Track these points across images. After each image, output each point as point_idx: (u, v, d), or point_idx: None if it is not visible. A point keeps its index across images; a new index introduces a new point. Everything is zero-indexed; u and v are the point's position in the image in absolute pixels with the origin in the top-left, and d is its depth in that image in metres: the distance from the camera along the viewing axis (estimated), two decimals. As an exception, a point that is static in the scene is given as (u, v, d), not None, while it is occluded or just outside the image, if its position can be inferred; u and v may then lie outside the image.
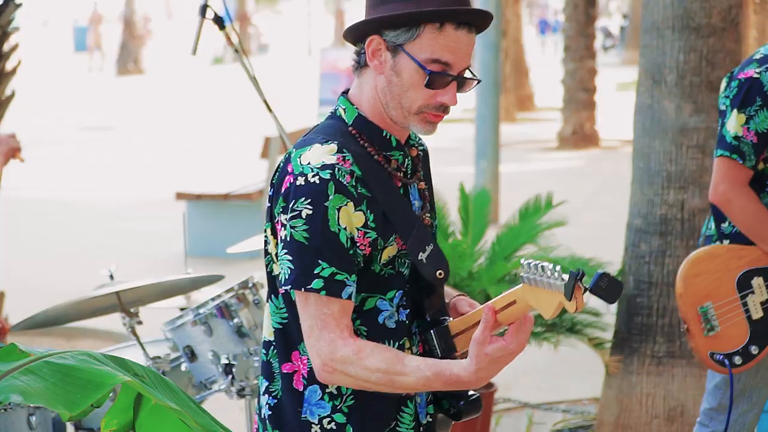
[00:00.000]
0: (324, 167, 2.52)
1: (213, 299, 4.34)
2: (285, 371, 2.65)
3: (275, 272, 2.64)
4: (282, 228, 2.55)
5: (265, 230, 2.66)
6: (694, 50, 5.32)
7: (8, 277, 8.78)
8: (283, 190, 2.56)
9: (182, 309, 4.56)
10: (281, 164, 2.61)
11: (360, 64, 2.65)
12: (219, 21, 4.47)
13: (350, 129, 2.64)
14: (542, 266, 2.40)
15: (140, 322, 4.34)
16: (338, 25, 51.18)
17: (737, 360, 4.04)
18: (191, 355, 4.33)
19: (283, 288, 2.56)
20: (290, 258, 2.53)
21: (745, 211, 4.02)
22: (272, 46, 55.53)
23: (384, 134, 2.65)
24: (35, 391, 2.00)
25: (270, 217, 2.63)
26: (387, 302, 2.63)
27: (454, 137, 18.99)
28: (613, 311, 5.68)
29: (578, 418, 6.34)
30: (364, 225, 2.55)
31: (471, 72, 2.63)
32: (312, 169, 2.52)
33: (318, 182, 2.51)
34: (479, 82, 2.64)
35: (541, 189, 6.82)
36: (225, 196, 10.78)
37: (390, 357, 2.51)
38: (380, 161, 2.63)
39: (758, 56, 4.01)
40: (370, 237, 2.56)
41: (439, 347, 2.65)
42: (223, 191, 10.90)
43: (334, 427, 2.61)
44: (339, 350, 2.51)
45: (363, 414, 2.62)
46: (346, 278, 2.52)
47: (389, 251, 2.61)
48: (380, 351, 2.52)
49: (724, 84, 4.10)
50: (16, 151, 4.91)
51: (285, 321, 2.64)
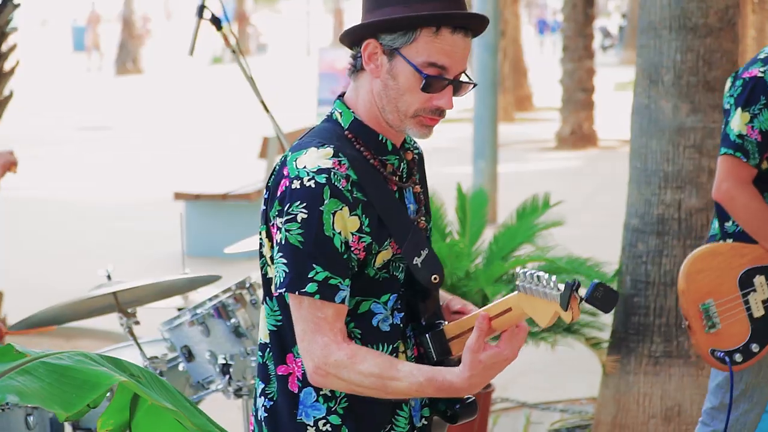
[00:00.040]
0: (320, 171, 2.52)
1: (210, 299, 4.35)
2: (280, 373, 2.65)
3: (270, 275, 2.65)
4: (277, 231, 2.56)
5: (260, 232, 2.66)
6: (691, 50, 5.33)
7: (8, 277, 8.80)
8: (279, 194, 2.56)
9: (180, 309, 4.57)
10: (277, 167, 2.62)
11: (356, 68, 2.65)
12: (216, 22, 4.48)
13: (346, 133, 2.64)
14: (538, 276, 2.41)
15: (137, 323, 4.35)
16: (337, 25, 51.23)
17: (738, 357, 4.07)
18: (188, 355, 4.34)
19: (278, 291, 2.57)
20: (285, 261, 2.53)
21: (748, 209, 4.05)
22: (271, 46, 55.54)
23: (380, 138, 2.65)
24: (31, 392, 2.01)
25: (265, 220, 2.63)
26: (381, 305, 2.64)
27: (453, 137, 19.01)
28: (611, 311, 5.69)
29: (576, 418, 6.35)
30: (359, 230, 2.55)
31: (467, 76, 2.63)
32: (308, 173, 2.52)
33: (314, 186, 2.51)
34: (475, 86, 2.64)
35: (540, 189, 6.82)
36: (223, 196, 10.79)
37: (383, 362, 2.52)
38: (376, 165, 2.64)
39: (762, 56, 4.04)
40: (365, 241, 2.56)
41: (435, 351, 2.65)
42: (222, 191, 10.91)
43: (330, 429, 2.62)
44: (332, 354, 2.51)
45: (358, 416, 2.63)
46: (340, 282, 2.53)
47: (384, 255, 2.61)
48: (374, 356, 2.53)
49: (729, 83, 4.14)
50: (12, 165, 5.00)
51: (279, 323, 2.65)
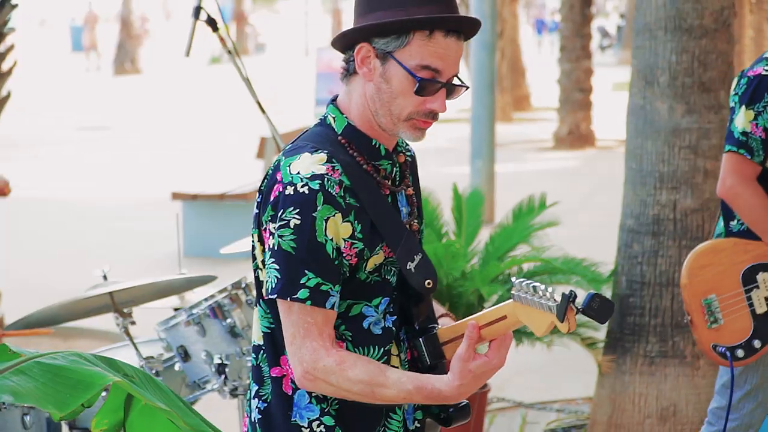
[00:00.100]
0: (313, 177, 2.53)
1: (206, 299, 4.36)
2: (274, 375, 2.66)
3: (262, 278, 2.65)
4: (270, 236, 2.56)
5: (253, 236, 2.67)
6: (686, 51, 5.34)
7: (8, 277, 8.80)
8: (272, 199, 2.56)
9: (176, 309, 4.58)
10: (270, 171, 2.62)
11: (349, 72, 2.66)
12: (212, 23, 4.49)
13: (339, 138, 2.65)
14: (534, 287, 2.42)
15: (133, 323, 4.36)
16: (335, 25, 51.23)
17: (740, 353, 4.10)
18: (184, 355, 4.35)
19: (269, 296, 2.58)
20: (277, 267, 2.54)
21: (752, 206, 4.09)
22: (269, 46, 55.53)
23: (373, 143, 2.66)
24: (26, 392, 2.02)
25: (257, 224, 2.64)
26: (372, 309, 2.64)
27: (450, 137, 19.03)
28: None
29: (572, 418, 6.36)
30: (351, 236, 2.56)
31: (459, 79, 2.64)
32: (301, 179, 2.53)
33: (307, 192, 2.52)
34: (467, 89, 2.65)
35: (537, 189, 6.84)
36: (221, 196, 10.80)
37: (372, 369, 2.53)
38: (369, 171, 2.64)
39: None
40: (357, 248, 2.57)
41: (428, 355, 2.67)
42: (219, 191, 10.92)
43: (323, 430, 2.63)
44: (321, 360, 2.53)
45: (350, 417, 2.64)
46: (331, 288, 2.54)
47: (375, 260, 2.62)
48: (363, 363, 2.54)
49: (735, 81, 4.18)
50: (5, 187, 5.10)
51: (272, 326, 2.66)
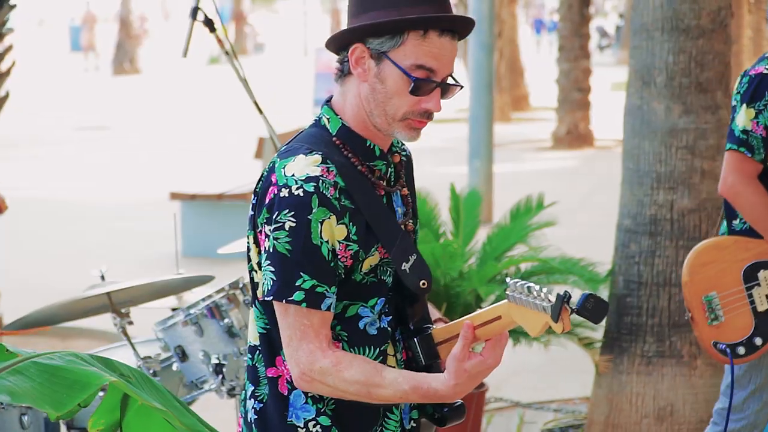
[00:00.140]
0: (308, 179, 2.53)
1: (204, 299, 4.37)
2: (270, 375, 2.67)
3: (257, 279, 2.66)
4: (266, 239, 2.57)
5: (248, 237, 2.67)
6: (683, 51, 5.35)
7: (8, 277, 8.81)
8: (267, 201, 2.57)
9: (174, 309, 4.59)
10: (265, 173, 2.62)
11: (343, 73, 2.66)
12: (209, 23, 4.50)
13: (334, 139, 2.65)
14: (528, 287, 2.43)
15: (131, 323, 4.37)
16: (334, 25, 51.24)
17: (740, 350, 4.13)
18: (182, 355, 4.36)
19: (265, 299, 2.59)
20: (273, 269, 2.55)
21: (753, 204, 4.12)
22: (268, 46, 55.53)
23: (367, 144, 2.66)
24: (23, 391, 2.03)
25: (253, 226, 2.64)
26: (368, 309, 2.65)
27: (448, 137, 19.04)
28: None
29: (569, 417, 6.37)
30: (346, 238, 2.56)
31: (453, 78, 2.65)
32: (296, 181, 2.53)
33: (302, 195, 2.52)
34: (462, 88, 2.66)
35: (536, 189, 6.85)
36: (219, 196, 10.81)
37: (368, 369, 2.54)
38: (364, 171, 2.64)
39: None
40: (352, 249, 2.57)
41: (423, 355, 2.67)
42: (217, 191, 10.93)
43: (320, 430, 2.63)
44: (318, 361, 2.53)
45: (347, 417, 2.65)
46: (326, 290, 2.54)
47: (371, 261, 2.62)
48: (359, 363, 2.55)
49: (738, 81, 4.22)
50: (1, 203, 5.17)
51: (268, 327, 2.66)
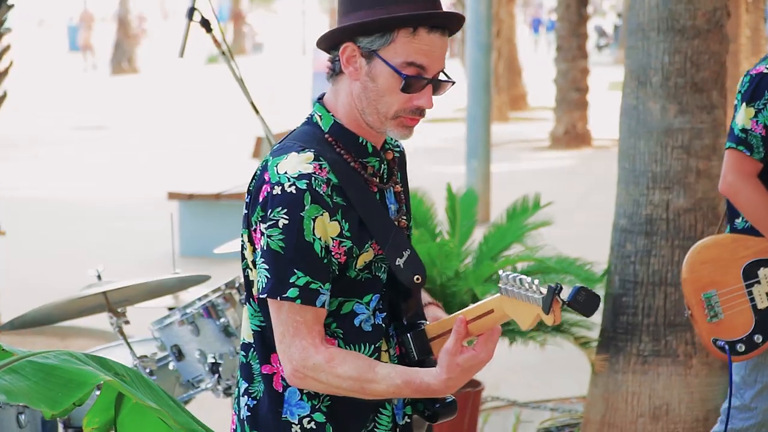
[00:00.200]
0: (301, 177, 2.54)
1: (200, 299, 4.39)
2: (265, 372, 2.68)
3: (252, 277, 2.67)
4: (260, 237, 2.58)
5: (242, 236, 2.69)
6: (679, 52, 5.37)
7: (8, 277, 8.83)
8: (261, 199, 2.58)
9: (170, 309, 4.60)
10: (258, 172, 2.64)
11: (335, 72, 2.67)
12: (206, 24, 4.51)
13: (326, 136, 2.66)
14: (520, 279, 2.45)
15: (127, 322, 4.38)
16: (332, 24, 51.19)
17: (740, 348, 4.16)
18: (178, 354, 4.38)
19: (260, 296, 2.60)
20: (267, 267, 2.56)
21: (752, 202, 4.15)
22: (266, 45, 55.51)
23: (360, 141, 2.67)
24: (18, 390, 2.05)
25: (247, 224, 2.66)
26: (363, 306, 2.66)
27: (446, 137, 19.06)
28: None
29: (565, 416, 6.38)
30: (339, 234, 2.58)
31: (445, 74, 2.66)
32: (289, 179, 2.54)
33: (295, 192, 2.54)
34: (454, 84, 2.67)
35: (533, 189, 6.86)
36: (217, 196, 10.81)
37: (361, 365, 2.55)
38: (356, 168, 2.65)
39: None
40: (345, 246, 2.59)
41: (416, 351, 2.69)
42: (215, 191, 10.94)
43: (314, 427, 2.65)
44: (311, 357, 2.55)
45: (341, 414, 2.66)
46: (320, 287, 2.56)
47: (365, 257, 2.64)
48: (352, 359, 2.57)
49: (740, 81, 4.25)
50: None
51: (263, 324, 2.67)
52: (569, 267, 5.64)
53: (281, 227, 2.54)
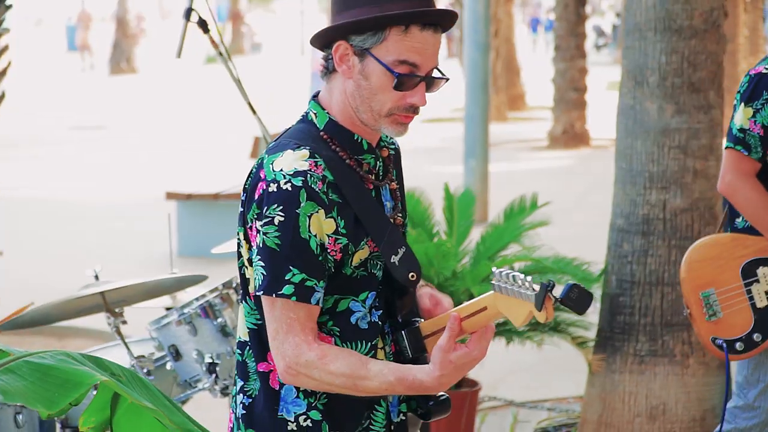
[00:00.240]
0: (296, 174, 2.55)
1: (197, 299, 4.40)
2: (261, 370, 2.69)
3: (248, 275, 2.68)
4: (256, 234, 2.59)
5: (238, 234, 2.69)
6: (676, 52, 5.38)
7: (8, 277, 8.83)
8: (257, 197, 2.59)
9: (168, 309, 4.61)
10: (254, 170, 2.64)
11: (328, 70, 2.68)
12: (203, 24, 4.52)
13: (322, 134, 2.67)
14: (513, 276, 2.46)
15: (125, 322, 4.39)
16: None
17: (739, 346, 4.17)
18: (176, 354, 4.39)
19: (256, 293, 2.61)
20: (263, 264, 2.57)
21: (750, 200, 4.17)
22: (265, 45, 55.49)
23: (355, 138, 2.68)
24: (15, 390, 2.06)
25: (242, 222, 2.66)
26: (359, 303, 2.67)
27: (444, 137, 19.04)
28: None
29: (562, 416, 6.39)
30: (335, 232, 2.58)
31: (439, 71, 2.66)
32: (284, 176, 2.55)
33: (290, 189, 2.54)
34: (448, 80, 2.67)
35: (531, 188, 6.87)
36: (215, 196, 10.82)
37: (354, 362, 2.56)
38: (352, 165, 2.66)
39: None
40: (341, 243, 2.60)
41: (410, 348, 2.69)
42: (213, 191, 10.94)
43: (310, 425, 2.65)
44: (304, 354, 2.55)
45: (337, 411, 2.67)
46: (315, 284, 2.57)
47: (361, 254, 2.64)
48: (344, 356, 2.57)
49: (741, 81, 4.27)
50: None
51: (260, 322, 2.68)
52: (566, 267, 5.65)
53: (277, 224, 2.55)
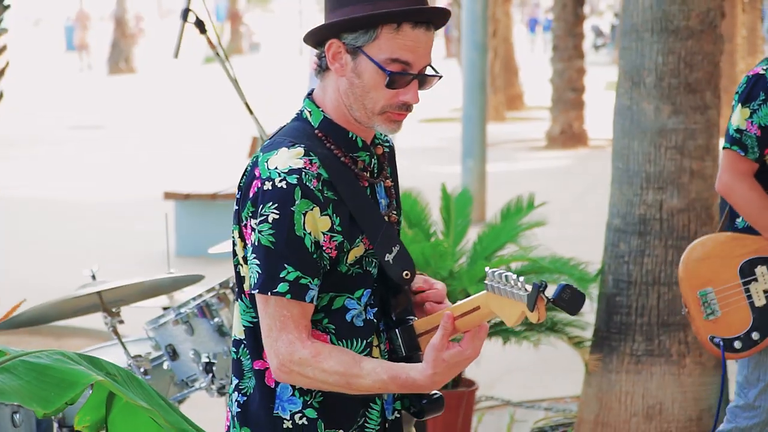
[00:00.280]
0: (291, 172, 2.56)
1: (194, 299, 4.41)
2: (257, 368, 2.69)
3: (243, 273, 2.69)
4: (251, 232, 2.60)
5: (233, 232, 2.70)
6: (673, 52, 5.39)
7: (8, 277, 8.84)
8: (252, 195, 2.60)
9: (165, 308, 4.62)
10: (249, 168, 2.65)
11: (322, 68, 2.68)
12: (200, 25, 4.52)
13: (316, 132, 2.67)
14: (506, 276, 2.46)
15: (122, 322, 4.40)
16: (329, 24, 51.09)
17: (737, 345, 4.19)
18: (173, 354, 4.39)
19: (251, 291, 2.62)
20: (258, 262, 2.58)
21: (747, 200, 4.19)
22: (264, 45, 55.48)
23: (350, 135, 2.68)
24: (11, 389, 2.06)
25: (238, 220, 2.67)
26: (355, 301, 2.68)
27: (442, 137, 19.04)
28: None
29: (559, 416, 6.40)
30: (330, 229, 2.59)
31: (433, 68, 2.67)
32: (279, 174, 2.56)
33: (285, 187, 2.55)
34: (441, 78, 2.67)
35: (529, 188, 6.89)
36: (213, 196, 10.83)
37: (347, 360, 2.57)
38: (347, 163, 2.67)
39: None
40: (336, 240, 2.60)
41: (404, 346, 2.70)
42: (211, 191, 10.95)
43: (306, 422, 2.66)
44: (297, 352, 2.56)
45: (332, 409, 2.67)
46: (310, 282, 2.57)
47: (356, 252, 2.65)
48: (338, 354, 2.58)
49: (740, 82, 4.29)
50: None
51: (255, 320, 2.68)
52: (563, 267, 5.66)
53: (272, 222, 2.55)
